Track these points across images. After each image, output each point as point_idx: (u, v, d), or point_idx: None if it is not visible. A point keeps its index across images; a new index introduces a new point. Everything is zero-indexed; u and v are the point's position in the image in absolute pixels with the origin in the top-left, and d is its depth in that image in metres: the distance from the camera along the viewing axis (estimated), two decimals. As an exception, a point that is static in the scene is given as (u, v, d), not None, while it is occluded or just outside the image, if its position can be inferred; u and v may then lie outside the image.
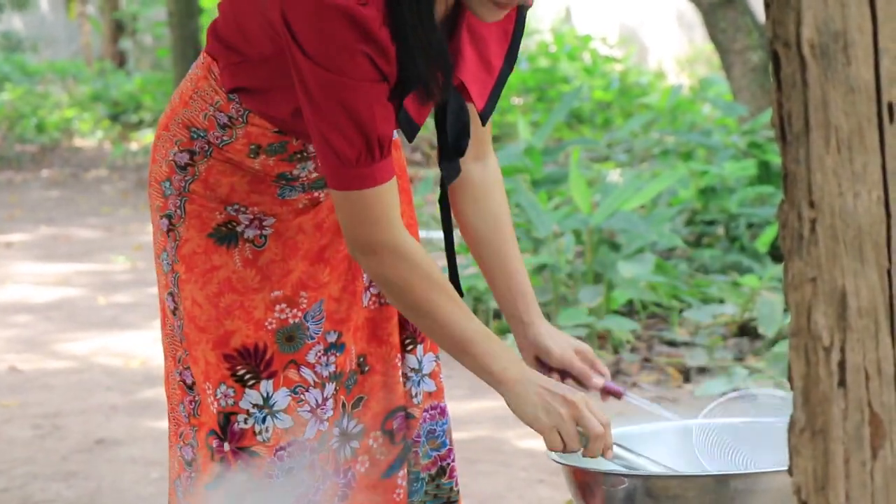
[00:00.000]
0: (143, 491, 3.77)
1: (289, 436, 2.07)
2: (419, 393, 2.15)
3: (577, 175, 5.63)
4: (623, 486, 1.95)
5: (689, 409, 4.66)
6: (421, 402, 2.15)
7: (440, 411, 2.17)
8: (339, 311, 2.12)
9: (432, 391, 2.17)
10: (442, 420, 2.17)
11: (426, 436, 2.16)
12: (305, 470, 2.10)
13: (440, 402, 2.18)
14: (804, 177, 1.21)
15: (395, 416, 2.14)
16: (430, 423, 2.16)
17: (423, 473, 2.17)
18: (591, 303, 5.26)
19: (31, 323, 6.35)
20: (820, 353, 1.20)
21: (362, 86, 1.83)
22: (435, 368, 2.18)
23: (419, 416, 2.15)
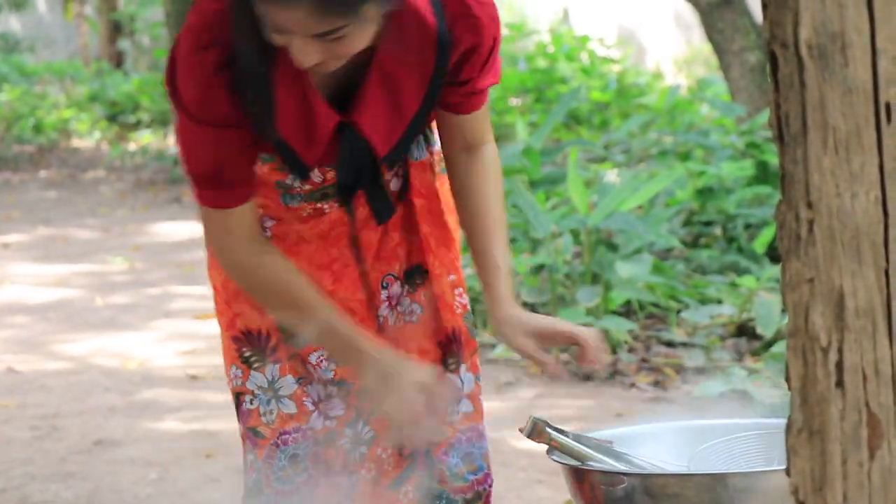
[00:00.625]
0: (141, 492, 3.77)
1: (293, 422, 2.11)
2: (456, 412, 2.13)
3: (574, 175, 5.64)
4: (622, 485, 1.96)
5: (686, 409, 4.67)
6: (457, 422, 2.13)
7: (478, 434, 2.15)
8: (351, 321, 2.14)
9: (470, 412, 2.15)
10: (480, 443, 2.15)
11: (462, 458, 2.13)
12: (310, 459, 2.13)
13: (478, 423, 2.15)
14: (802, 177, 1.21)
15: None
16: (468, 444, 2.14)
17: (457, 496, 2.14)
18: (588, 303, 5.26)
19: (28, 324, 6.34)
20: (817, 353, 1.21)
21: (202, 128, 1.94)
22: (474, 389, 2.15)
23: (452, 436, 2.13)
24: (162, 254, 8.02)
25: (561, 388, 5.03)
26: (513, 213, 5.84)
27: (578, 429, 2.23)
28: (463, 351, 2.14)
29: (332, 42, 1.84)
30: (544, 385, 5.08)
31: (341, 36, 1.84)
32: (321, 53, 1.85)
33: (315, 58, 1.85)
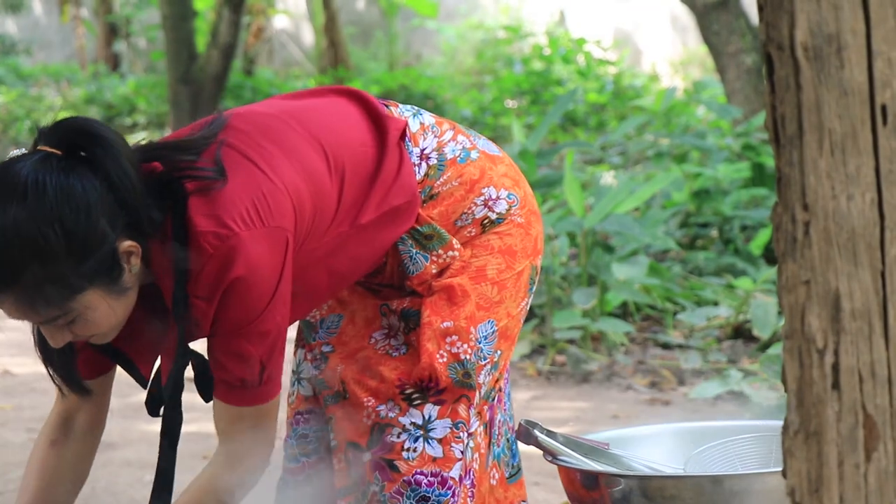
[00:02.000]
0: (137, 494, 3.76)
1: (308, 404, 2.22)
2: (415, 449, 2.09)
3: (571, 178, 5.64)
4: (619, 486, 1.95)
5: (683, 411, 4.67)
6: (414, 460, 2.09)
7: (441, 481, 2.09)
8: (347, 334, 2.19)
9: (437, 458, 2.09)
10: (441, 491, 2.09)
11: (416, 501, 2.09)
12: (319, 441, 2.22)
13: (444, 471, 2.09)
14: (798, 179, 1.21)
15: (348, 449, 2.16)
16: (427, 489, 2.09)
17: None
18: (585, 305, 5.26)
19: (24, 326, 6.33)
20: (814, 355, 1.21)
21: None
22: (447, 435, 2.10)
23: (405, 472, 2.09)
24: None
25: (557, 391, 5.03)
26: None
27: (575, 431, 2.23)
28: (433, 392, 2.11)
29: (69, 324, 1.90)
30: (540, 387, 5.08)
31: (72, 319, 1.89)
32: (67, 333, 1.92)
33: (62, 338, 1.92)
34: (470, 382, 2.11)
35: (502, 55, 13.94)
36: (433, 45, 15.75)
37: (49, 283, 1.83)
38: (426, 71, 14.21)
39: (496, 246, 2.16)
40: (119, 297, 1.89)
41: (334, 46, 14.42)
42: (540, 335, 5.46)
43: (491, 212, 2.15)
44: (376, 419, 2.12)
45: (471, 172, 2.16)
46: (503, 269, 2.16)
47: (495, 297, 2.15)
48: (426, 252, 2.11)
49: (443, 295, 2.12)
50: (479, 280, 2.14)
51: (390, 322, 2.16)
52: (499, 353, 2.17)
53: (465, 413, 2.11)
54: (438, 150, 2.15)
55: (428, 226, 2.11)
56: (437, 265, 2.12)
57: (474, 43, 14.62)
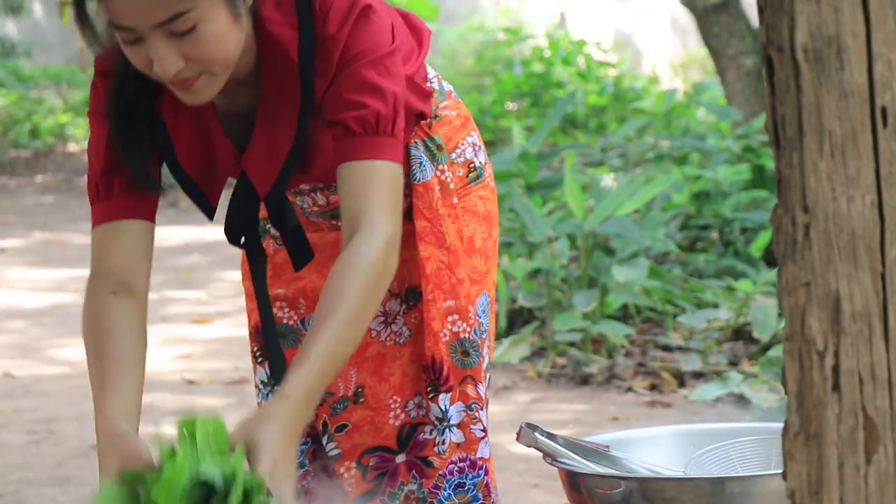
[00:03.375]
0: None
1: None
2: (444, 441, 2.10)
3: (571, 180, 5.64)
4: (619, 489, 1.95)
5: (683, 413, 4.67)
6: (445, 453, 2.10)
7: (470, 464, 2.11)
8: None
9: (461, 442, 2.11)
10: (473, 473, 2.11)
11: (453, 489, 2.11)
12: (306, 455, 2.19)
13: (471, 454, 2.11)
14: (798, 181, 1.22)
15: (374, 454, 2.14)
16: (459, 476, 2.11)
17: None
18: (585, 307, 5.26)
19: (25, 329, 6.34)
20: (814, 357, 1.21)
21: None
22: (464, 419, 2.11)
23: (439, 466, 2.10)
24: (158, 258, 7.99)
25: (557, 393, 5.03)
26: (509, 217, 5.84)
27: (575, 433, 2.23)
28: (442, 381, 2.11)
29: (183, 39, 1.78)
30: (540, 389, 5.08)
31: (190, 28, 1.78)
32: (179, 55, 1.79)
33: (174, 61, 1.79)
34: (469, 361, 2.12)
35: (502, 57, 13.94)
36: (433, 47, 15.75)
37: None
38: (426, 73, 14.18)
39: (481, 212, 2.17)
40: (234, 21, 1.81)
41: (334, 49, 14.39)
42: (540, 337, 5.46)
43: (476, 157, 2.18)
44: (406, 419, 2.12)
45: (464, 110, 2.20)
46: (486, 238, 2.18)
47: (483, 268, 2.16)
48: (433, 163, 2.11)
49: (438, 254, 2.10)
50: (469, 252, 2.15)
51: (387, 307, 2.15)
52: (491, 324, 2.20)
53: (474, 392, 2.12)
54: (438, 81, 2.19)
55: (439, 136, 2.13)
56: (439, 181, 2.12)
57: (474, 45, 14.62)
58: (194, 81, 1.83)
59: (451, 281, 2.11)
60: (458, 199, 2.15)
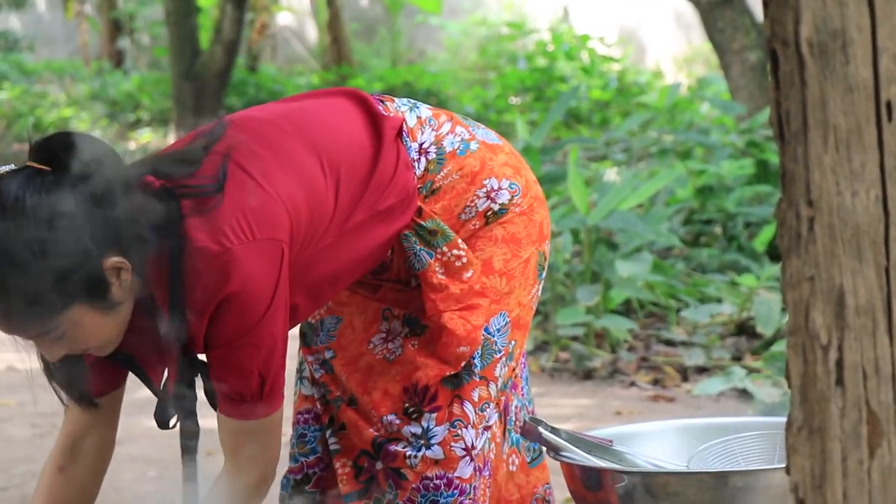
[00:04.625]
0: (140, 489, 3.77)
1: (307, 403, 2.24)
2: (417, 456, 2.10)
3: (574, 174, 5.63)
4: (622, 483, 1.95)
5: (686, 408, 4.66)
6: (417, 466, 2.10)
7: (447, 483, 2.10)
8: (345, 337, 2.19)
9: (439, 459, 2.10)
10: (448, 492, 2.10)
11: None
12: (318, 442, 2.22)
13: (449, 472, 2.10)
14: (802, 175, 1.21)
15: (362, 456, 2.16)
16: (434, 492, 2.10)
17: None
18: (588, 302, 5.26)
19: (28, 322, 6.34)
20: (818, 351, 1.21)
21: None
22: (446, 437, 2.10)
23: (412, 480, 2.10)
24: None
25: (560, 387, 5.03)
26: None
27: (578, 427, 2.23)
28: (427, 402, 2.11)
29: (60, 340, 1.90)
30: (543, 384, 5.08)
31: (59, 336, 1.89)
32: (61, 350, 1.92)
33: (56, 353, 1.93)
34: (458, 382, 2.11)
35: (506, 52, 13.93)
36: (437, 42, 15.75)
37: (30, 302, 1.84)
38: (430, 67, 14.20)
39: (500, 236, 2.15)
40: (109, 312, 1.89)
41: (338, 43, 14.42)
42: (543, 332, 5.46)
43: (494, 203, 2.14)
44: (382, 432, 2.13)
45: (471, 164, 2.14)
46: (509, 259, 2.14)
47: (504, 289, 2.14)
48: (430, 249, 2.10)
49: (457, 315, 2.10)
50: (486, 273, 2.13)
51: (391, 326, 2.16)
52: (513, 344, 2.16)
53: (459, 410, 2.11)
54: (437, 144, 2.13)
55: (432, 221, 2.10)
56: (441, 263, 2.10)
57: (478, 39, 14.61)
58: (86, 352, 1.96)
59: (465, 328, 2.11)
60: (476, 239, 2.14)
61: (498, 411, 2.17)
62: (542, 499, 2.28)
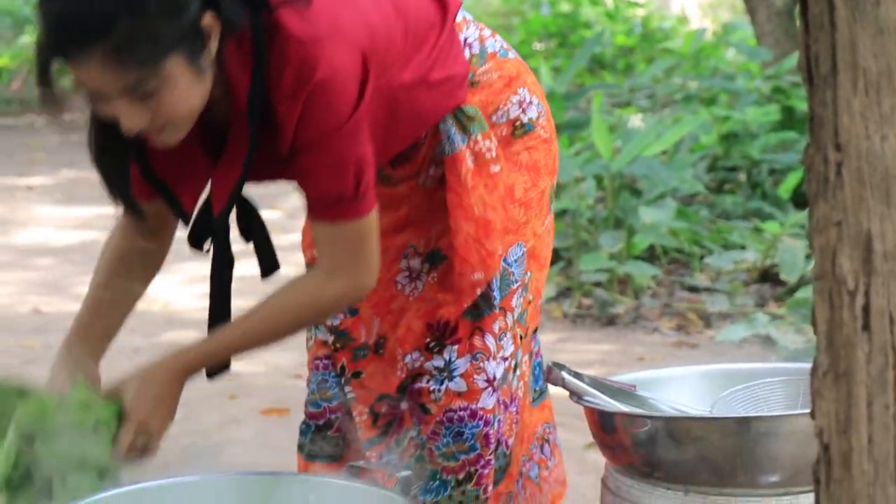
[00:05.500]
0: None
1: (325, 349, 2.22)
2: (440, 390, 2.11)
3: (598, 120, 5.61)
4: (645, 428, 1.96)
5: (709, 354, 4.67)
6: (441, 400, 2.11)
7: (470, 413, 2.11)
8: None
9: (462, 391, 2.11)
10: (472, 423, 2.11)
11: (452, 437, 2.12)
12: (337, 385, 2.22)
13: (472, 404, 2.11)
14: (831, 119, 1.20)
15: (385, 401, 2.16)
16: (458, 424, 2.11)
17: (448, 476, 2.13)
18: (611, 248, 5.25)
19: (52, 266, 6.38)
20: (844, 296, 1.20)
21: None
22: (468, 369, 2.11)
23: (436, 413, 2.11)
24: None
25: (583, 333, 5.04)
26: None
27: (600, 373, 2.23)
28: (448, 335, 2.12)
29: (146, 101, 1.81)
30: (566, 330, 5.09)
31: (151, 93, 1.81)
32: (142, 115, 1.83)
33: (137, 122, 1.83)
34: (479, 314, 2.11)
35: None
36: (460, -13, 15.63)
37: (139, 38, 1.75)
38: (453, 12, 14.09)
39: (524, 161, 2.15)
40: (198, 78, 1.82)
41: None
42: (566, 278, 5.46)
43: (524, 114, 2.15)
44: (406, 372, 2.14)
45: (509, 69, 2.15)
46: (529, 188, 2.15)
47: (522, 218, 2.15)
48: (465, 134, 2.09)
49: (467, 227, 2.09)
50: (509, 200, 2.13)
51: (411, 264, 2.16)
52: (529, 275, 2.17)
53: (481, 343, 2.11)
54: (480, 42, 2.14)
55: (472, 108, 2.10)
56: (472, 152, 2.09)
57: (502, -16, 14.51)
58: (160, 133, 1.87)
59: (480, 253, 2.10)
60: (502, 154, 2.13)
61: (517, 346, 2.18)
62: (542, 437, 2.29)
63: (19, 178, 9.27)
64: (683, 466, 1.94)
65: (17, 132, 11.75)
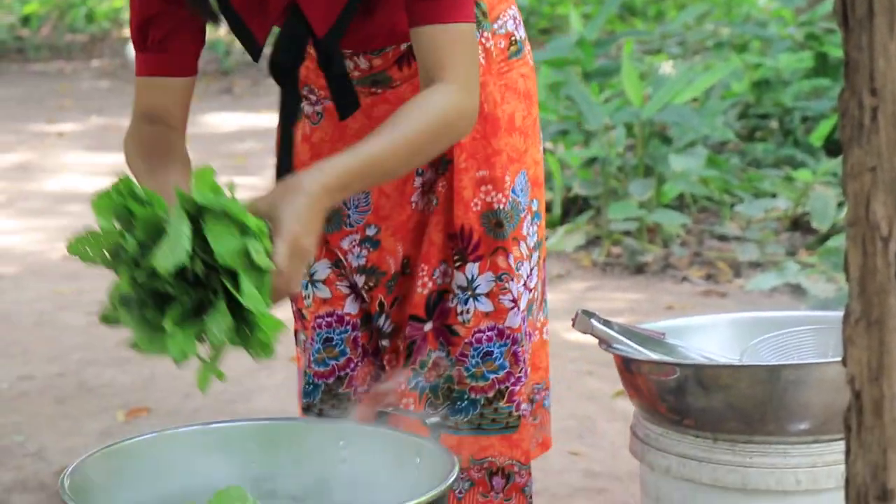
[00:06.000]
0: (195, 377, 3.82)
1: (327, 307, 2.18)
2: (467, 311, 2.10)
3: (629, 67, 5.57)
4: (674, 375, 1.95)
5: (738, 303, 4.66)
6: (470, 322, 2.10)
7: (498, 333, 2.11)
8: (385, 207, 2.14)
9: (489, 312, 2.10)
10: (501, 342, 2.11)
11: (481, 357, 2.12)
12: (347, 343, 2.18)
13: (499, 323, 2.11)
14: (866, 64, 1.19)
15: (408, 323, 2.14)
16: (487, 344, 2.11)
17: (478, 396, 2.13)
18: (641, 196, 5.23)
19: (83, 212, 6.40)
20: (878, 243, 1.19)
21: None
22: (493, 289, 2.10)
23: (465, 335, 2.11)
24: (213, 144, 8.04)
25: (612, 281, 5.03)
26: (566, 105, 5.79)
27: (629, 322, 2.23)
28: (470, 249, 2.10)
29: None
30: (595, 278, 5.08)
31: None
32: None
33: None
34: (502, 232, 2.10)
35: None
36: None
37: None
38: (483, -42, 14.01)
39: (521, 89, 2.14)
40: None
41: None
42: (595, 226, 5.45)
43: (517, 31, 2.15)
44: (433, 287, 2.13)
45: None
46: (525, 116, 2.15)
47: (522, 147, 2.14)
48: (479, 29, 2.07)
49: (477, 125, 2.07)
50: (510, 130, 2.13)
51: (426, 178, 2.13)
52: (535, 203, 2.17)
53: (505, 263, 2.10)
54: None
55: (485, 3, 2.09)
56: (483, 48, 2.08)
57: (532, -70, 14.39)
58: None
59: (485, 151, 2.09)
60: (500, 73, 2.12)
61: (539, 277, 2.19)
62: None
63: (49, 125, 9.30)
64: (712, 414, 1.94)
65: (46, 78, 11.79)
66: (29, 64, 12.62)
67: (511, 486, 2.18)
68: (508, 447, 2.17)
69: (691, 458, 1.97)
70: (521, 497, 2.20)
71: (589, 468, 3.09)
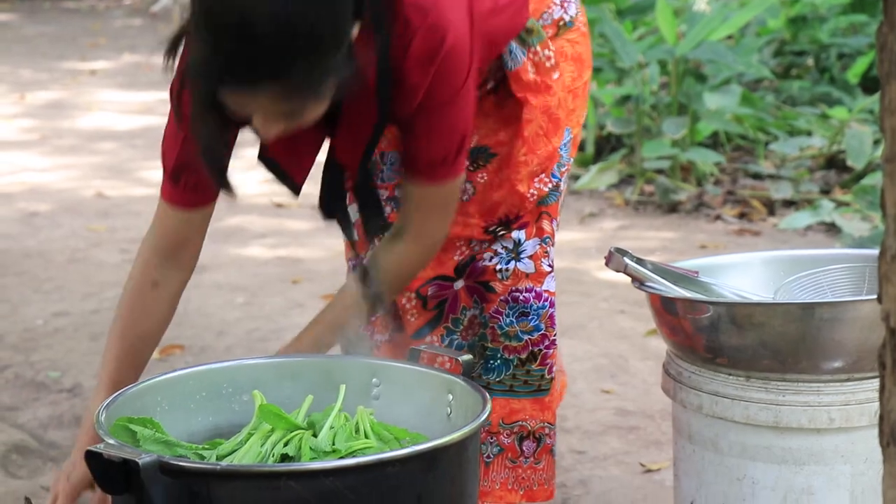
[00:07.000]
0: (228, 315, 3.84)
1: (352, 251, 2.28)
2: (508, 269, 2.14)
3: (663, 4, 5.51)
4: (707, 313, 1.95)
5: (772, 242, 4.63)
6: (508, 279, 2.14)
7: (536, 295, 2.15)
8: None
9: (529, 273, 2.15)
10: (539, 304, 2.14)
11: (517, 317, 2.15)
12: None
13: (538, 286, 2.15)
14: (906, -3, 1.17)
15: (433, 283, 2.17)
16: (523, 304, 2.14)
17: (511, 356, 2.16)
18: (675, 134, 5.20)
19: (115, 150, 6.42)
20: (915, 179, 1.18)
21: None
22: (537, 251, 2.15)
23: (501, 292, 2.14)
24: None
25: (645, 220, 5.01)
26: (599, 42, 5.74)
27: (662, 260, 2.22)
28: (516, 225, 2.15)
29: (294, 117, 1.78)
30: (628, 217, 5.06)
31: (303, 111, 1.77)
32: (283, 127, 1.79)
33: (277, 131, 1.80)
34: (547, 199, 2.16)
35: None
36: None
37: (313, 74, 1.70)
38: None
39: (569, 53, 2.18)
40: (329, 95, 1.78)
41: None
42: (629, 165, 5.42)
43: (566, 13, 2.18)
44: (469, 252, 2.16)
45: None
46: (576, 77, 2.19)
47: (570, 105, 2.19)
48: (524, 47, 2.12)
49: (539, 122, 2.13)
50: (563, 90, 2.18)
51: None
52: (571, 161, 2.23)
53: (549, 227, 2.16)
54: None
55: (531, 20, 2.13)
56: (533, 63, 2.13)
57: None
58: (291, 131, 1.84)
59: (547, 149, 2.14)
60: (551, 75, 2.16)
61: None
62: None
63: (81, 63, 9.31)
64: (745, 352, 1.93)
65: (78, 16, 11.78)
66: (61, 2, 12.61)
67: (542, 449, 2.20)
68: (540, 410, 2.19)
69: (724, 397, 1.97)
70: (549, 458, 2.22)
71: (621, 406, 3.10)
